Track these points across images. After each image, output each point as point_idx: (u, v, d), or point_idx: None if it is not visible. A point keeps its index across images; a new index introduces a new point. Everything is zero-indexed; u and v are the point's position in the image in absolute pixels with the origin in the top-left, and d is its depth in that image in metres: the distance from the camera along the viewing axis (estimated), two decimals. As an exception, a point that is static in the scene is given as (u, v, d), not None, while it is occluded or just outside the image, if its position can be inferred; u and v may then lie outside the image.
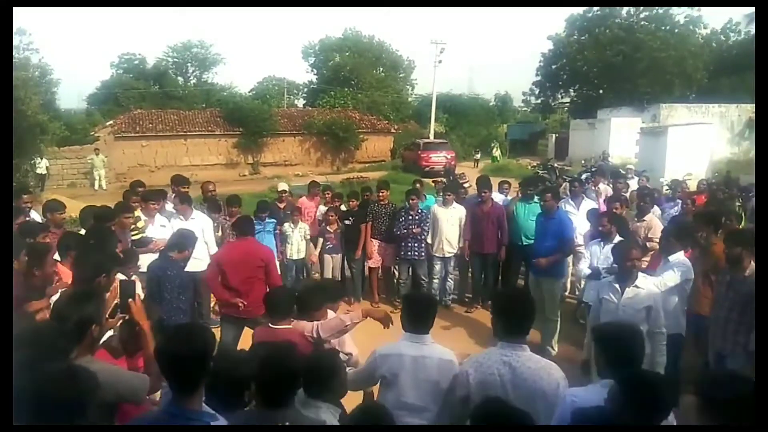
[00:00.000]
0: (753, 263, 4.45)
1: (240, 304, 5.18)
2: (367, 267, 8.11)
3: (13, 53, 17.19)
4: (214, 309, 6.76)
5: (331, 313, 3.79)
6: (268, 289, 4.94)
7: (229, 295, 5.26)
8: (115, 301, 3.06)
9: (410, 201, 7.75)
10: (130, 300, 2.90)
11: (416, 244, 7.66)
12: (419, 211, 7.71)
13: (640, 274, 4.41)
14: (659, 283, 4.58)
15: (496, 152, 32.28)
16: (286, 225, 7.76)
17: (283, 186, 8.91)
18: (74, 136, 25.81)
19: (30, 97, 13.38)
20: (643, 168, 15.02)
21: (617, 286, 4.34)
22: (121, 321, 3.02)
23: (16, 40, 19.38)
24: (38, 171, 22.75)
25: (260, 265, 5.31)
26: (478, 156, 32.11)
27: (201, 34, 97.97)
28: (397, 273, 8.30)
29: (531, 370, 2.71)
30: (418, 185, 8.81)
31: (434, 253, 7.79)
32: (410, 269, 7.88)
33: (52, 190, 20.76)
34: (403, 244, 7.73)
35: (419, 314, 3.15)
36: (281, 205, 8.16)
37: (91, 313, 2.60)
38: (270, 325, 3.56)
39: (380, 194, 8.08)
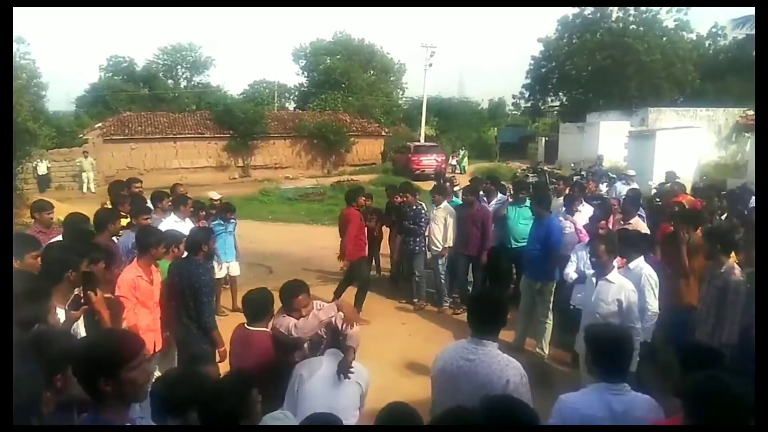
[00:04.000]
0: (730, 259, 4.64)
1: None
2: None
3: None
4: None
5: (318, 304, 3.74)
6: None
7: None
8: (76, 293, 3.09)
9: (405, 199, 8.28)
10: (89, 292, 3.02)
11: (411, 238, 8.10)
12: (413, 207, 8.12)
13: (615, 271, 4.58)
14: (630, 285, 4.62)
15: (465, 162, 31.06)
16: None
17: (213, 194, 9.30)
18: (62, 138, 25.58)
19: (21, 104, 13.67)
20: (633, 172, 15.04)
21: (594, 280, 4.75)
22: (83, 312, 3.05)
23: (14, 47, 19.31)
24: (40, 173, 22.69)
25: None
26: (454, 161, 30.74)
27: (191, 37, 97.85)
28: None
29: (484, 364, 2.80)
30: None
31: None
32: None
33: (40, 193, 20.59)
34: (405, 238, 8.21)
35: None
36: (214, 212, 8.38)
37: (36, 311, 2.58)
38: (246, 326, 3.60)
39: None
